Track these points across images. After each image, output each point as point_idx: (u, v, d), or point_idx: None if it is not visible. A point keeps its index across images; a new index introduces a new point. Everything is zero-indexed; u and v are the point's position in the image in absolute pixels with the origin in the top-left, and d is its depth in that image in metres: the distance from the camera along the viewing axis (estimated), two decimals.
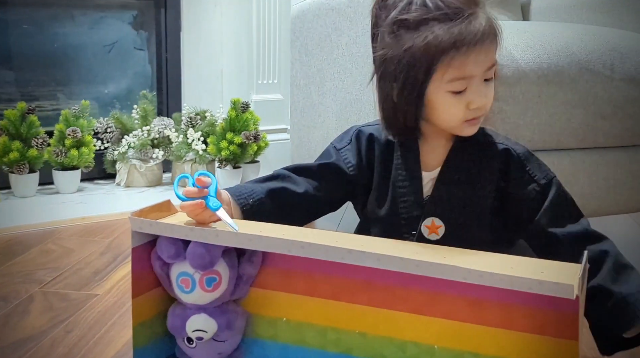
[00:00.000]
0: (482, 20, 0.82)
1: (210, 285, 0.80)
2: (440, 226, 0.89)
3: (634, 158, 1.34)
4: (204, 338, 0.81)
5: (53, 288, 1.25)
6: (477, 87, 0.83)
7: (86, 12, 2.30)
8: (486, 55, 0.82)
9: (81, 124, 2.07)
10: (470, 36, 0.80)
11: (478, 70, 0.82)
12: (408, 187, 0.90)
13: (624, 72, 1.26)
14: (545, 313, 0.70)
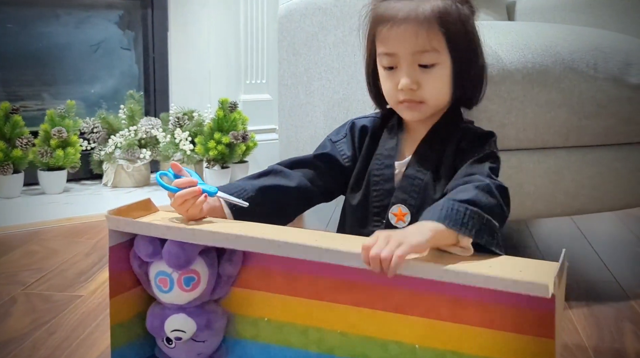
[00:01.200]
0: (419, 5, 0.86)
1: (188, 284, 0.79)
2: (407, 213, 0.90)
3: (618, 157, 1.35)
4: (183, 339, 0.80)
5: (36, 290, 1.24)
6: (406, 68, 0.88)
7: (71, 12, 2.28)
8: (413, 37, 0.86)
9: (67, 124, 2.05)
10: (394, 14, 0.87)
11: (401, 50, 0.87)
12: (381, 175, 0.93)
13: (607, 71, 1.27)
14: (523, 312, 0.71)
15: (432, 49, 0.87)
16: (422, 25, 0.86)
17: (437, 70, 0.88)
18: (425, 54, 0.87)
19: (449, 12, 0.87)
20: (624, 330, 1.11)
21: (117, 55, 2.39)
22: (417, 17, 0.86)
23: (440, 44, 0.87)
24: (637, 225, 1.79)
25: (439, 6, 0.87)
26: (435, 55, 0.87)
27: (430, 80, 0.88)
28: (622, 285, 1.33)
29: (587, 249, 1.58)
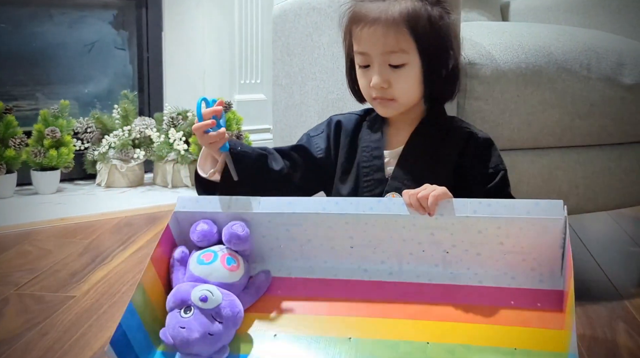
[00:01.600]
0: (390, 7, 0.89)
1: (229, 263, 0.86)
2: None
3: (611, 156, 1.35)
4: (207, 300, 0.81)
5: (29, 290, 1.23)
6: (377, 67, 0.92)
7: (65, 11, 2.28)
8: (381, 38, 0.89)
9: (60, 123, 2.04)
10: (365, 15, 0.90)
11: (372, 50, 0.91)
12: (371, 166, 0.96)
13: (600, 71, 1.27)
14: (530, 310, 0.77)
15: (400, 50, 0.90)
16: (390, 27, 0.89)
17: (406, 70, 0.91)
18: (394, 54, 0.90)
19: (418, 14, 0.90)
20: (617, 329, 1.11)
21: (111, 55, 2.38)
22: (386, 18, 0.89)
23: (409, 45, 0.90)
24: (630, 225, 1.79)
25: (408, 8, 0.89)
26: (404, 56, 0.90)
27: (400, 80, 0.91)
28: (615, 284, 1.33)
29: (581, 249, 1.58)
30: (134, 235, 1.62)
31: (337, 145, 1.00)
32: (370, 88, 0.93)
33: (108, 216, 1.81)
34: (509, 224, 0.80)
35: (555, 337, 0.74)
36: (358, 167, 0.97)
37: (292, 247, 0.88)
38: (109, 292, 1.22)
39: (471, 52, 1.19)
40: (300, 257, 0.89)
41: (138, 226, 1.72)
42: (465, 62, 1.18)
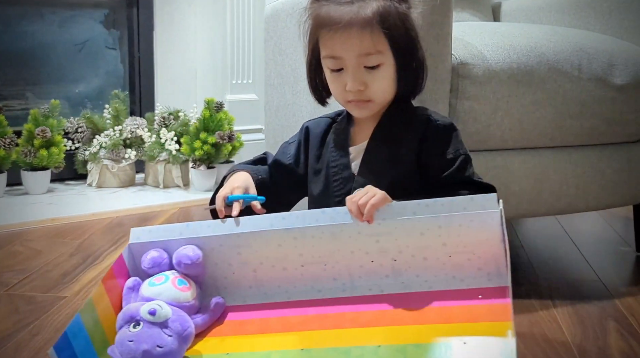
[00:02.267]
0: (360, 9, 0.88)
1: (180, 284, 0.86)
2: None
3: (602, 156, 1.36)
4: (156, 313, 0.81)
5: (19, 291, 1.23)
6: (352, 70, 0.90)
7: (56, 11, 2.26)
8: (357, 41, 0.88)
9: (51, 123, 2.03)
10: (336, 19, 0.88)
11: (346, 54, 0.90)
12: (339, 165, 0.97)
13: (591, 72, 1.28)
14: (478, 307, 0.80)
15: (376, 51, 0.89)
16: (365, 29, 0.88)
17: (382, 70, 0.91)
18: (370, 56, 0.90)
19: (389, 12, 0.89)
20: (608, 328, 1.12)
21: (102, 54, 2.37)
22: (360, 21, 0.88)
23: (384, 45, 0.90)
24: (620, 225, 1.81)
25: (379, 8, 0.89)
26: (380, 57, 0.90)
27: (376, 80, 0.91)
28: (606, 284, 1.34)
29: (572, 248, 1.59)
30: (125, 236, 1.62)
31: (307, 150, 1.02)
32: (345, 92, 0.92)
33: (99, 216, 1.80)
34: (449, 222, 0.81)
35: (503, 327, 0.76)
36: (327, 166, 0.98)
37: (245, 273, 0.89)
38: None
39: (463, 52, 1.19)
40: (254, 284, 0.90)
41: (129, 226, 1.70)
42: (457, 62, 1.18)
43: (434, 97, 1.16)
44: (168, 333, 0.82)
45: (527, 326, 1.11)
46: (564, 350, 1.03)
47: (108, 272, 0.87)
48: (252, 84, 2.46)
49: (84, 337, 0.82)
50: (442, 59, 1.15)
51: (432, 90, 1.15)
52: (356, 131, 0.99)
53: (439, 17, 1.13)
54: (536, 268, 1.43)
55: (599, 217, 1.89)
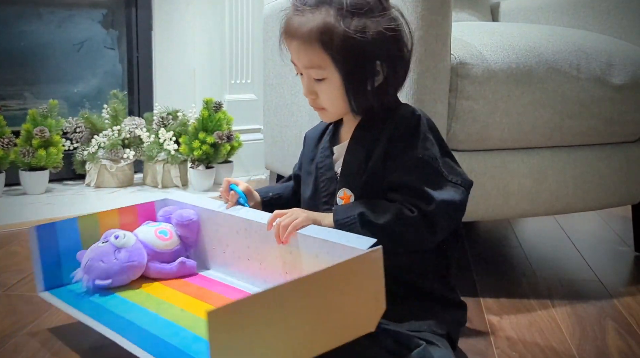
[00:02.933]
0: (307, 21, 0.88)
1: (161, 233, 1.11)
2: (351, 196, 0.94)
3: (600, 156, 1.36)
4: (118, 238, 1.04)
5: (17, 291, 1.22)
6: (305, 78, 0.93)
7: (54, 10, 2.26)
8: (299, 53, 0.90)
9: (49, 123, 2.03)
10: (286, 28, 0.92)
11: (297, 62, 0.93)
12: (324, 166, 0.98)
13: (589, 72, 1.28)
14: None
15: (315, 65, 0.90)
16: (303, 43, 0.89)
17: (326, 83, 0.91)
18: (312, 69, 0.91)
19: (332, 31, 0.87)
20: (607, 328, 1.12)
21: (100, 54, 2.37)
22: (301, 34, 0.89)
23: (324, 61, 0.89)
24: (619, 225, 1.81)
25: (319, 25, 0.87)
26: (321, 71, 0.90)
27: (323, 92, 0.92)
28: (605, 283, 1.34)
29: (570, 248, 1.59)
30: None
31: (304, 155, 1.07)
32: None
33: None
34: (331, 251, 0.85)
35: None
36: (316, 168, 0.99)
37: (217, 251, 1.09)
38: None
39: (462, 52, 1.19)
40: (221, 263, 1.09)
41: None
42: (456, 61, 1.18)
43: (433, 96, 1.16)
44: (115, 257, 1.02)
45: (526, 326, 1.12)
46: (563, 349, 1.03)
47: (129, 207, 1.11)
48: (251, 83, 2.46)
49: (75, 233, 1.06)
50: (441, 58, 1.15)
51: (431, 89, 1.16)
52: (344, 130, 1.00)
53: (438, 17, 1.13)
54: (535, 268, 1.43)
55: (597, 216, 1.89)
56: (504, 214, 1.27)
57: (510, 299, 1.23)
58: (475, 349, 1.01)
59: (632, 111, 1.35)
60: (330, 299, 0.76)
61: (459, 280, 1.33)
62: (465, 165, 1.22)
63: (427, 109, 1.16)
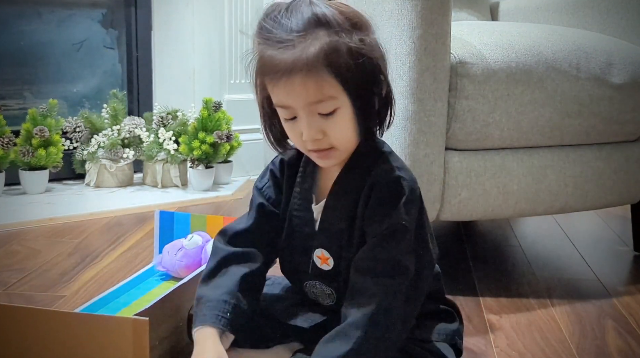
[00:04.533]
0: (303, 52, 0.75)
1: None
2: (329, 258, 0.86)
3: (600, 156, 1.36)
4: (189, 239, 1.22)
5: (18, 290, 1.22)
6: (306, 119, 0.78)
7: (54, 10, 2.26)
8: (303, 90, 0.76)
9: (49, 123, 2.03)
10: (278, 65, 0.76)
11: (294, 102, 0.77)
12: (302, 217, 0.87)
13: (589, 71, 1.28)
14: None
15: (327, 97, 0.76)
16: (309, 75, 0.75)
17: (338, 115, 0.78)
18: (321, 103, 0.77)
19: (337, 49, 0.76)
20: (606, 327, 1.12)
21: (100, 54, 2.37)
22: (302, 66, 0.74)
23: (335, 88, 0.77)
24: (618, 224, 1.81)
25: (325, 46, 0.75)
26: (333, 102, 0.77)
27: (334, 127, 0.79)
28: (604, 282, 1.34)
29: (569, 248, 1.60)
30: (124, 235, 1.62)
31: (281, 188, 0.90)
32: (304, 141, 0.79)
33: (97, 216, 1.79)
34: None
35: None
36: (290, 215, 0.88)
37: None
38: (99, 291, 1.21)
39: (461, 51, 1.19)
40: None
41: (127, 226, 1.71)
42: (456, 61, 1.18)
43: (433, 95, 1.16)
44: (176, 253, 1.21)
45: (525, 325, 1.12)
46: (562, 348, 1.03)
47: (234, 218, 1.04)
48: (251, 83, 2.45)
49: (187, 225, 1.27)
50: (440, 57, 1.15)
51: (431, 89, 1.16)
52: (321, 179, 0.87)
53: (437, 16, 1.13)
54: (534, 267, 1.44)
55: (596, 216, 1.90)
56: (503, 214, 1.27)
57: (510, 298, 1.23)
58: (475, 348, 1.02)
59: (631, 110, 1.35)
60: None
61: (458, 279, 1.34)
62: (465, 165, 1.22)
63: (426, 108, 1.16)
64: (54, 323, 0.82)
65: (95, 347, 0.81)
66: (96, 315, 0.84)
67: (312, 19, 0.76)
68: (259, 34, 0.80)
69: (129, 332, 0.80)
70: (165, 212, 1.32)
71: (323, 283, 0.87)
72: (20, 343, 0.83)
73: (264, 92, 0.82)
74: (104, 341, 0.81)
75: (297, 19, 0.77)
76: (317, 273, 0.87)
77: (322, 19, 0.76)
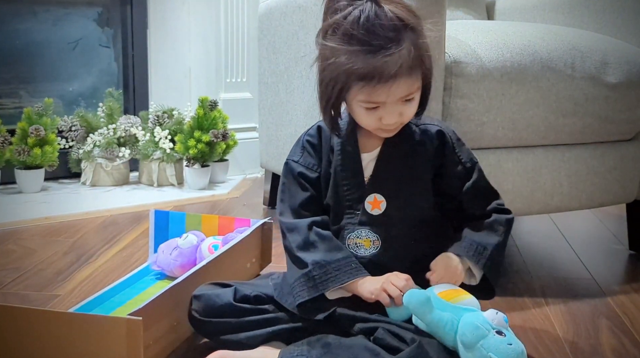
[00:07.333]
0: (400, 57, 0.84)
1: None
2: (382, 201, 0.95)
3: (595, 155, 1.37)
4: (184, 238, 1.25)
5: (13, 290, 1.22)
6: (390, 107, 0.89)
7: (49, 9, 2.26)
8: (398, 88, 0.86)
9: (45, 122, 2.03)
10: (382, 73, 0.84)
11: (389, 100, 0.87)
12: (348, 170, 0.96)
13: (584, 70, 1.29)
14: None
15: (415, 90, 0.89)
16: (409, 77, 0.86)
17: (414, 99, 0.91)
18: (410, 94, 0.89)
19: (423, 48, 0.88)
20: (600, 326, 1.12)
21: (95, 52, 2.36)
22: (405, 70, 0.85)
23: (419, 80, 0.90)
24: (613, 223, 1.81)
25: (416, 50, 0.86)
26: (414, 92, 0.90)
27: (410, 109, 0.91)
28: (599, 281, 1.35)
29: (565, 247, 1.60)
30: (119, 234, 1.61)
31: (321, 153, 0.99)
32: (379, 123, 0.90)
33: (93, 215, 1.79)
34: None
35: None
36: (335, 172, 0.97)
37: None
38: (94, 290, 1.21)
39: (456, 50, 1.20)
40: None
41: (123, 225, 1.71)
42: (451, 60, 1.19)
43: None
44: (171, 252, 1.22)
45: (520, 323, 1.12)
46: (556, 347, 1.04)
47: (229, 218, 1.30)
48: (246, 82, 2.45)
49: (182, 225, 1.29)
50: (435, 57, 1.15)
51: None
52: (365, 134, 0.97)
53: (432, 15, 1.13)
54: (529, 266, 1.44)
55: (592, 215, 1.90)
56: None
57: (504, 297, 1.24)
58: None
59: (626, 109, 1.36)
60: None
61: None
62: None
63: None
64: (48, 323, 0.82)
65: (90, 346, 0.81)
66: (90, 315, 0.84)
67: (398, 23, 0.85)
68: (348, 42, 0.85)
69: (123, 332, 0.80)
70: (160, 211, 1.32)
71: (370, 231, 0.95)
72: (14, 343, 0.83)
73: (341, 92, 0.89)
74: (98, 341, 0.81)
75: (383, 24, 0.84)
76: (365, 220, 0.95)
77: (405, 20, 0.86)
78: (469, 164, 0.97)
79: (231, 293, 0.94)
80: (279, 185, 1.02)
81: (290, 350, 0.86)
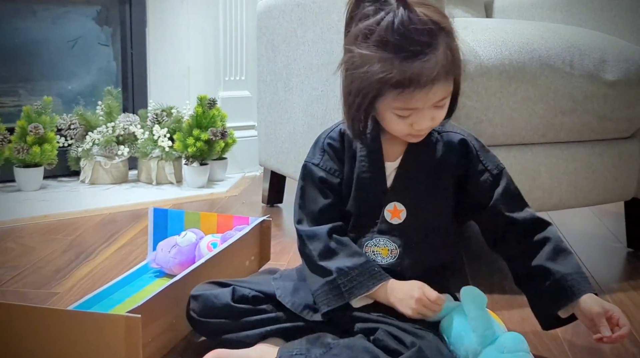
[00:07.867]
0: (437, 61, 0.83)
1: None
2: (402, 210, 0.94)
3: (593, 153, 1.37)
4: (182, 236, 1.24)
5: (12, 288, 1.22)
6: (423, 113, 0.87)
7: (48, 7, 2.25)
8: (435, 93, 0.85)
9: (43, 120, 2.03)
10: (420, 79, 0.82)
11: (424, 105, 0.86)
12: (371, 177, 0.94)
13: (582, 68, 1.29)
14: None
15: (448, 94, 0.88)
16: (447, 80, 0.86)
17: (445, 104, 0.89)
18: (445, 98, 0.88)
19: (455, 50, 0.87)
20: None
21: (94, 51, 2.36)
22: (442, 75, 0.84)
23: (451, 85, 0.88)
24: (612, 221, 1.81)
25: (448, 55, 0.84)
26: (447, 97, 0.89)
27: (441, 114, 0.89)
28: (597, 280, 1.35)
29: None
30: (118, 232, 1.62)
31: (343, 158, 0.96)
32: (410, 129, 0.89)
33: (92, 213, 1.79)
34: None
35: None
36: (358, 178, 0.94)
37: None
38: (93, 288, 1.21)
39: None
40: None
41: (122, 223, 1.71)
42: None
43: None
44: (170, 250, 1.22)
45: (518, 321, 1.12)
46: (555, 345, 1.04)
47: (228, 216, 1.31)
48: (245, 80, 2.45)
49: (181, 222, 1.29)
50: None
51: None
52: (388, 141, 0.95)
53: None
54: None
55: (590, 213, 1.90)
56: None
57: (503, 295, 1.24)
58: None
59: (625, 107, 1.36)
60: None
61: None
62: None
63: None
64: (47, 320, 0.82)
65: (88, 344, 0.82)
66: (89, 313, 0.85)
67: (432, 26, 0.83)
68: (383, 48, 0.83)
69: (122, 329, 0.80)
70: (159, 209, 1.32)
71: (389, 239, 0.94)
72: (13, 341, 0.83)
73: (374, 100, 0.86)
74: (96, 338, 0.81)
75: (417, 29, 0.82)
76: (385, 228, 0.94)
77: (439, 23, 0.84)
78: (495, 171, 0.95)
79: (229, 293, 0.93)
80: (296, 188, 0.98)
81: (289, 348, 0.86)
